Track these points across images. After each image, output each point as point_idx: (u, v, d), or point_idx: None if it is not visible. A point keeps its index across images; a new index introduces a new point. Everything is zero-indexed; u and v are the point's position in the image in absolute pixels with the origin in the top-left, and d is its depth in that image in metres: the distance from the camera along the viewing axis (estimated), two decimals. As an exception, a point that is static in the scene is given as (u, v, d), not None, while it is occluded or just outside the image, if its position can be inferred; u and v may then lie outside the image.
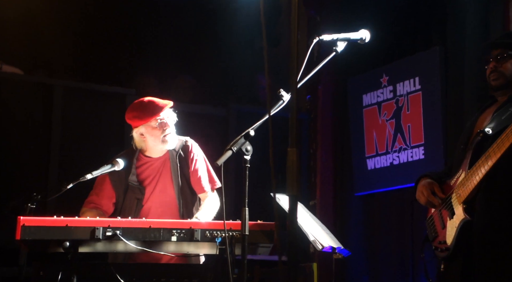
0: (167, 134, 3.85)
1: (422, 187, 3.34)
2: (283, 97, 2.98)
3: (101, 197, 3.85)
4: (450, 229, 3.14)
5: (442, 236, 3.20)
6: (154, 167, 3.91)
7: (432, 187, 3.30)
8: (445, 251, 3.17)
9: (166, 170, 3.90)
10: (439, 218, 3.25)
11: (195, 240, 3.27)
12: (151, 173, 3.91)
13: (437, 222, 3.27)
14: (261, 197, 4.79)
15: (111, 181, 3.85)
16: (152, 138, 3.86)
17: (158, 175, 3.90)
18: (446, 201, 3.21)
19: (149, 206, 3.85)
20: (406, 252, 5.47)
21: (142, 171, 3.90)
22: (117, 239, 3.22)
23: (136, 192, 3.84)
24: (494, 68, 3.23)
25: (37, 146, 5.55)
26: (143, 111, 3.84)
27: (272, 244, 3.36)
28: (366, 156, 5.91)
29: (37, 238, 3.17)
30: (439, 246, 3.23)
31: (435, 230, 3.29)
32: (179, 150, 3.92)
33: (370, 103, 5.93)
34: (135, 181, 3.87)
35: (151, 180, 3.88)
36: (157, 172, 3.91)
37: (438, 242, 3.24)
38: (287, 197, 3.66)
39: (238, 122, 6.32)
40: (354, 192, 6.03)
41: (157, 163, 3.92)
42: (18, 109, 5.50)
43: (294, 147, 1.79)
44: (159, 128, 3.84)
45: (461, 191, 3.10)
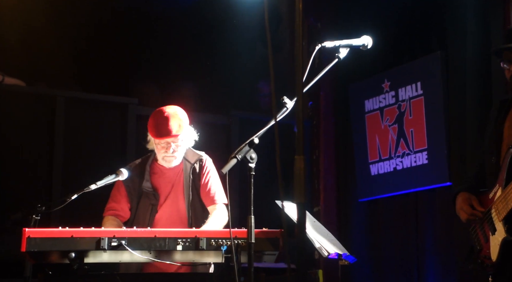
0: (168, 156, 3.85)
1: (462, 203, 3.33)
2: (287, 105, 2.99)
3: (118, 202, 3.88)
4: (493, 245, 3.16)
5: (486, 250, 3.20)
6: (167, 177, 3.93)
7: (470, 202, 3.30)
8: (491, 267, 3.18)
9: (178, 181, 3.91)
10: (481, 231, 3.25)
11: (201, 248, 3.27)
12: (164, 183, 3.92)
13: (480, 235, 3.26)
14: (265, 204, 4.78)
15: (125, 186, 3.89)
16: (157, 152, 3.89)
17: (170, 186, 3.91)
18: (487, 215, 3.21)
19: (161, 214, 3.86)
20: (411, 258, 5.45)
21: (155, 178, 3.92)
22: (123, 249, 3.22)
23: (151, 197, 3.86)
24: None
25: (40, 157, 5.55)
26: (153, 128, 3.85)
27: (278, 251, 3.35)
28: (369, 162, 5.91)
29: (42, 250, 3.18)
30: (485, 260, 3.23)
31: (479, 242, 3.28)
32: (194, 163, 3.92)
33: (372, 109, 5.92)
34: (149, 187, 3.88)
35: (164, 189, 3.90)
36: (169, 182, 3.92)
37: (483, 256, 3.24)
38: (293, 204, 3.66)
39: (240, 130, 6.32)
40: (358, 197, 6.02)
41: (170, 173, 3.93)
42: (21, 120, 5.50)
43: (301, 154, 1.79)
44: (161, 148, 3.84)
45: (500, 208, 3.11)
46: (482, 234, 3.24)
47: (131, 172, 3.89)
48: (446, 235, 5.13)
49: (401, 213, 5.61)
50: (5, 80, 5.54)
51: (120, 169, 3.92)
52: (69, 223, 3.32)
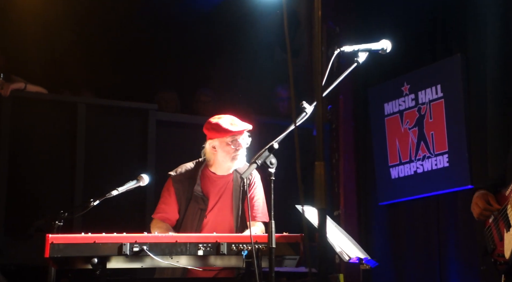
0: (238, 155, 3.87)
1: (477, 198, 3.27)
2: (306, 109, 3.00)
3: (167, 204, 3.88)
4: (507, 242, 3.10)
5: (500, 248, 3.14)
6: (217, 185, 3.93)
7: (487, 198, 3.25)
8: (504, 264, 3.13)
9: (228, 191, 3.92)
10: (496, 229, 3.20)
11: (221, 253, 3.28)
12: (213, 190, 3.92)
13: (495, 233, 3.21)
14: (286, 209, 4.78)
15: (175, 188, 3.89)
16: (223, 154, 3.88)
17: (219, 193, 3.91)
18: (502, 212, 3.17)
19: (208, 220, 3.87)
20: (432, 261, 5.41)
21: (205, 184, 3.93)
22: (145, 255, 3.24)
23: (200, 202, 3.87)
24: None
25: (62, 164, 5.61)
26: (222, 126, 3.87)
27: (299, 256, 3.36)
28: (389, 165, 5.88)
29: (65, 255, 3.21)
30: (498, 259, 3.17)
31: (493, 241, 3.23)
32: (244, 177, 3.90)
33: (392, 112, 5.90)
34: (200, 191, 3.89)
35: (213, 195, 3.90)
36: (218, 190, 3.92)
37: (497, 254, 3.18)
38: (313, 209, 3.66)
39: (259, 134, 6.32)
40: (378, 201, 6.00)
41: (221, 181, 3.93)
42: (43, 127, 5.57)
43: (321, 160, 1.79)
44: (232, 146, 3.87)
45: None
46: (497, 232, 3.19)
47: (182, 175, 3.90)
48: (468, 238, 5.08)
49: (422, 216, 5.58)
50: (27, 87, 5.61)
51: (141, 175, 3.94)
52: (91, 229, 3.35)
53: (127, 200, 4.35)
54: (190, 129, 6.19)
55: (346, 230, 4.62)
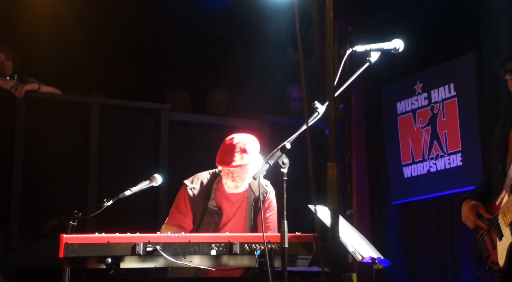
0: (228, 183, 3.82)
1: (468, 211, 3.31)
2: (318, 109, 2.99)
3: (183, 214, 3.82)
4: (501, 251, 3.14)
5: (494, 256, 3.18)
6: (230, 200, 3.90)
7: (477, 209, 3.27)
8: (498, 272, 3.16)
9: (242, 207, 3.90)
10: (489, 237, 3.23)
11: (234, 253, 3.28)
12: (228, 205, 3.89)
13: (488, 242, 3.24)
14: (298, 208, 4.78)
15: (190, 201, 3.85)
16: (224, 177, 3.85)
17: (234, 209, 3.89)
18: (493, 221, 3.19)
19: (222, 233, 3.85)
20: (446, 260, 5.40)
21: (220, 198, 3.90)
22: (158, 254, 3.25)
23: (215, 216, 3.84)
24: None
25: (76, 164, 5.64)
26: (218, 153, 3.82)
27: (311, 255, 3.35)
28: (402, 164, 5.87)
29: (79, 255, 3.23)
30: (492, 266, 3.20)
31: (487, 249, 3.26)
32: (258, 195, 3.85)
33: (405, 111, 5.88)
34: (215, 206, 3.87)
35: (227, 211, 3.87)
36: (232, 206, 3.89)
37: (491, 262, 3.22)
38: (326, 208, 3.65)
39: (271, 134, 6.33)
40: (391, 200, 5.98)
41: (235, 198, 3.90)
42: (57, 128, 5.60)
43: (333, 161, 1.79)
44: (224, 174, 3.84)
45: (507, 214, 3.09)
46: (489, 241, 3.22)
47: (197, 188, 3.86)
48: (482, 237, 5.06)
49: (436, 215, 5.56)
50: (41, 88, 5.65)
51: (154, 175, 3.96)
52: (104, 229, 3.37)
53: (140, 200, 4.36)
54: (203, 129, 6.20)
55: (359, 229, 4.62)
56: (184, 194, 3.88)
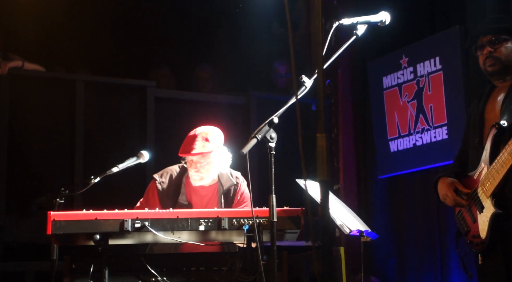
0: (193, 175, 3.83)
1: (446, 189, 3.31)
2: (305, 83, 2.99)
3: (151, 206, 3.78)
4: (482, 223, 3.15)
5: (475, 230, 3.19)
6: (200, 194, 3.91)
7: (454, 186, 3.28)
8: (480, 244, 3.18)
9: (213, 201, 3.90)
10: (469, 212, 3.24)
11: (223, 228, 3.30)
12: (198, 199, 3.90)
13: (467, 217, 3.26)
14: (285, 183, 4.80)
15: (159, 196, 3.86)
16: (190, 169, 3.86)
17: (204, 203, 3.89)
18: (473, 195, 3.21)
19: None
20: (432, 233, 5.45)
21: (189, 192, 3.91)
22: (146, 231, 3.26)
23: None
24: (489, 54, 3.24)
25: (61, 141, 5.60)
26: (182, 143, 3.83)
27: (299, 229, 3.37)
28: (389, 138, 5.89)
29: (67, 232, 3.23)
30: (473, 240, 3.22)
31: (466, 224, 3.28)
32: (228, 188, 3.90)
33: (391, 85, 5.89)
34: (185, 200, 3.88)
35: (198, 205, 3.87)
36: (201, 200, 3.90)
37: (471, 236, 3.24)
38: (314, 182, 3.67)
39: (258, 110, 6.32)
40: (378, 175, 6.02)
41: (204, 192, 3.91)
42: (41, 105, 5.55)
43: (322, 132, 1.79)
44: (189, 165, 3.85)
45: (487, 185, 3.11)
46: (469, 215, 3.24)
47: (167, 182, 3.86)
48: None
49: (422, 189, 5.60)
50: (24, 65, 5.58)
51: (141, 151, 3.95)
52: (92, 206, 3.37)
53: (128, 177, 4.35)
54: (189, 106, 6.18)
55: (346, 204, 4.65)
56: (152, 188, 3.90)
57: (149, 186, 3.96)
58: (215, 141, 3.83)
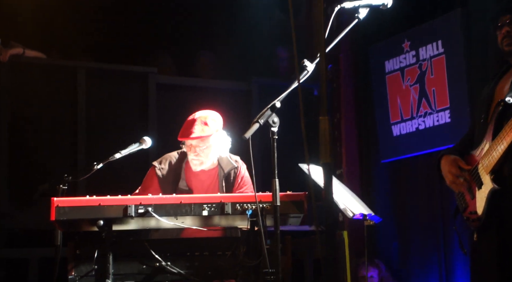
0: (193, 159, 3.83)
1: (449, 166, 3.30)
2: (307, 68, 2.98)
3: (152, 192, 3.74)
4: (479, 199, 3.15)
5: (472, 206, 3.20)
6: (200, 179, 3.90)
7: (457, 163, 3.28)
8: (476, 221, 3.17)
9: (213, 185, 3.89)
10: (468, 190, 3.24)
11: (226, 213, 3.30)
12: (199, 184, 3.89)
13: (467, 194, 3.26)
14: (287, 168, 4.80)
15: (160, 182, 3.85)
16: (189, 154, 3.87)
17: (205, 188, 3.89)
18: (473, 172, 3.20)
19: None
20: (435, 217, 5.46)
21: (189, 178, 3.90)
22: (149, 216, 3.27)
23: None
24: (507, 33, 3.22)
25: (64, 128, 5.61)
26: (181, 128, 3.83)
27: (303, 214, 3.38)
28: (391, 123, 5.89)
29: (71, 218, 3.24)
30: (470, 216, 3.22)
31: (464, 201, 3.28)
32: (228, 172, 3.89)
33: (393, 69, 5.88)
34: (185, 186, 3.87)
35: (199, 191, 3.86)
36: (202, 184, 3.89)
37: (469, 212, 3.24)
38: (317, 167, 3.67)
39: (260, 95, 6.32)
40: (380, 159, 6.02)
41: (205, 176, 3.90)
42: (43, 92, 5.55)
43: (325, 115, 1.79)
44: (188, 150, 3.85)
45: (487, 161, 3.10)
46: (468, 192, 3.23)
47: (166, 168, 3.86)
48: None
49: (425, 172, 5.60)
50: (25, 53, 5.57)
51: (143, 137, 3.95)
52: (95, 192, 3.37)
53: (130, 163, 4.36)
54: (191, 92, 6.17)
55: (349, 188, 4.65)
56: (152, 174, 3.89)
57: (147, 173, 3.95)
58: (214, 125, 3.83)
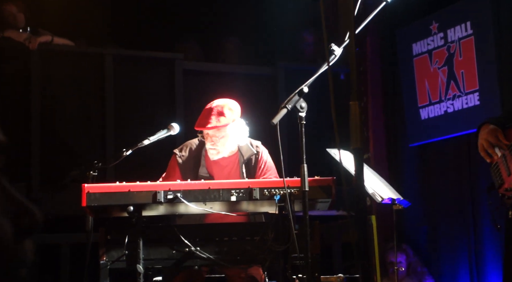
0: (210, 148, 3.81)
1: (486, 134, 3.23)
2: (335, 52, 2.95)
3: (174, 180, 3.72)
4: None
5: (509, 182, 3.15)
6: (221, 166, 3.88)
7: (496, 133, 3.22)
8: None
9: (235, 172, 3.87)
10: (504, 165, 3.19)
11: (254, 198, 3.31)
12: (219, 171, 3.88)
13: (503, 169, 3.20)
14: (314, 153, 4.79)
15: (181, 170, 3.85)
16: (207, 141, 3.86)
17: (225, 175, 3.87)
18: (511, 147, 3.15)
19: None
20: (464, 201, 5.42)
21: (210, 164, 3.88)
22: (178, 202, 3.29)
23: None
24: None
25: (93, 115, 5.66)
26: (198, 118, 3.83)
27: (331, 199, 3.37)
28: (419, 106, 5.83)
29: (101, 204, 3.28)
30: (506, 193, 3.17)
31: (500, 177, 3.23)
32: (248, 157, 3.86)
33: (421, 52, 5.81)
34: (206, 173, 3.86)
35: (219, 177, 3.85)
36: (223, 170, 3.88)
37: (504, 189, 3.19)
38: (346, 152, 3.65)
39: (286, 80, 6.29)
40: (408, 143, 5.97)
41: (225, 162, 3.88)
42: (71, 79, 5.60)
43: (355, 100, 1.78)
44: (206, 138, 3.84)
45: None
46: (505, 168, 3.16)
47: (186, 156, 3.85)
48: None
49: (454, 156, 5.55)
50: (54, 40, 5.62)
51: (171, 124, 3.96)
52: (123, 178, 3.40)
53: (158, 150, 4.38)
54: (217, 78, 6.18)
55: (377, 172, 4.62)
56: (173, 162, 3.88)
57: (170, 161, 3.95)
58: (231, 115, 3.80)
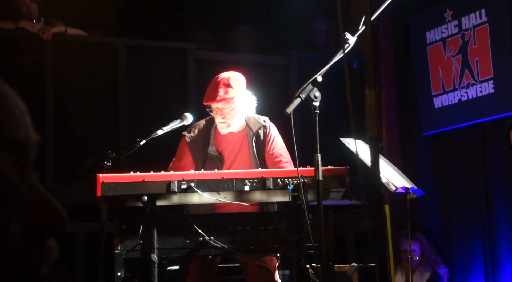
0: (220, 122, 3.79)
1: None
2: (349, 41, 2.94)
3: (183, 165, 3.77)
4: None
5: None
6: (230, 142, 3.86)
7: None
8: None
9: (244, 148, 3.85)
10: None
11: (268, 188, 3.31)
12: (228, 148, 3.86)
13: None
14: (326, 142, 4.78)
15: (190, 150, 3.83)
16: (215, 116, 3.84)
17: (235, 152, 3.85)
18: None
19: None
20: (479, 190, 5.39)
21: (219, 142, 3.86)
22: (192, 191, 3.30)
23: (216, 161, 3.79)
24: None
25: (106, 105, 5.68)
26: (206, 92, 3.82)
27: (344, 188, 3.37)
28: (433, 94, 5.79)
29: (116, 194, 3.30)
30: None
31: None
32: (257, 131, 3.83)
33: (434, 40, 5.76)
34: (215, 151, 3.83)
35: (229, 154, 3.84)
36: (233, 147, 3.86)
37: None
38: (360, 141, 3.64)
39: (298, 69, 6.27)
40: (422, 131, 5.94)
41: (234, 138, 3.86)
42: (85, 69, 5.62)
43: (371, 89, 1.77)
44: (214, 113, 3.82)
45: None
46: None
47: (195, 136, 3.84)
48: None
49: (468, 144, 5.52)
50: (67, 31, 5.63)
51: (184, 114, 3.96)
52: (137, 168, 3.41)
53: (171, 140, 4.39)
54: (229, 67, 6.13)
55: (390, 161, 4.61)
56: (183, 143, 3.86)
57: (179, 144, 3.92)
58: (238, 86, 3.79)
